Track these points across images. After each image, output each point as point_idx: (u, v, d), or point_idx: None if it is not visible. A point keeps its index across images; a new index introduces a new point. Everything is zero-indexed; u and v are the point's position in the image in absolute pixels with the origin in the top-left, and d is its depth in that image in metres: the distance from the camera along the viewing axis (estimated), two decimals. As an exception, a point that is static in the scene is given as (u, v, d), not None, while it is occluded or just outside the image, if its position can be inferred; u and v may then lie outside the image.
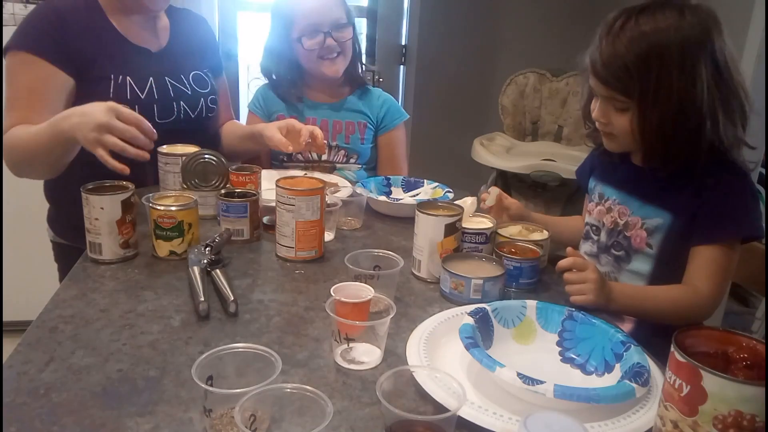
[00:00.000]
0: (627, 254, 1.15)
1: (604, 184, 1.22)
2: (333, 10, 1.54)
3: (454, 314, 0.88)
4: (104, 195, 1.00)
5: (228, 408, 0.62)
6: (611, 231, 1.18)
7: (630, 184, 1.16)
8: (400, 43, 3.10)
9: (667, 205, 1.10)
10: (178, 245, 1.05)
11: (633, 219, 1.14)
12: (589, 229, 1.24)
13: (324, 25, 1.53)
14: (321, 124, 1.60)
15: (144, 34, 1.40)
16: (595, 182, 1.26)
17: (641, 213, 1.13)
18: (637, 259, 1.14)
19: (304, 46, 1.54)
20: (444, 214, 1.02)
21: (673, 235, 1.09)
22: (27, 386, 0.69)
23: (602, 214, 1.20)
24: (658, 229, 1.10)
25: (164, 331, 0.83)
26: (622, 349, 0.78)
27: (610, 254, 1.18)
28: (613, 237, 1.17)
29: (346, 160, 1.64)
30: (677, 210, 1.08)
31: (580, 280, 0.96)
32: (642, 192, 1.14)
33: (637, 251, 1.13)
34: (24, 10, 2.13)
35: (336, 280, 0.98)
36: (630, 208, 1.15)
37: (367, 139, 1.64)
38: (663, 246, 1.10)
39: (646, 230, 1.12)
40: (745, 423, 0.53)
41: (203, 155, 1.23)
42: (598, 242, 1.21)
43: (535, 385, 0.66)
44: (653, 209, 1.11)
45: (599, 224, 1.21)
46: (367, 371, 0.76)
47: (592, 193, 1.26)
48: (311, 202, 1.05)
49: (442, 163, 2.81)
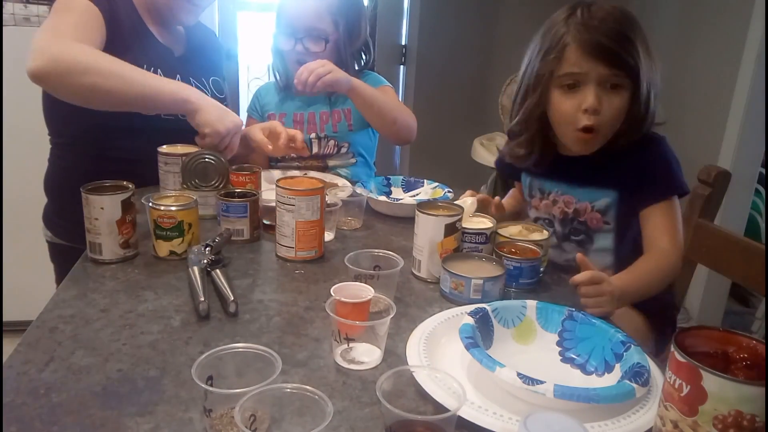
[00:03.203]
0: (588, 236, 1.20)
1: (540, 178, 1.26)
2: (309, 19, 1.53)
3: (454, 314, 0.88)
4: (104, 195, 1.00)
5: (228, 408, 0.62)
6: (563, 221, 1.22)
7: (566, 174, 1.20)
8: (400, 43, 3.10)
9: (609, 184, 1.15)
10: (178, 245, 1.05)
11: (581, 205, 1.19)
12: (542, 224, 1.26)
13: (298, 31, 1.54)
14: (308, 117, 1.62)
15: (169, 38, 1.46)
16: (529, 178, 1.28)
17: (588, 198, 1.17)
18: (599, 237, 1.19)
19: (278, 44, 1.59)
20: (444, 214, 1.02)
21: (624, 207, 1.15)
22: (27, 386, 0.69)
23: (549, 207, 1.24)
24: (609, 207, 1.16)
25: (164, 331, 0.83)
26: (622, 349, 0.78)
27: (572, 241, 1.22)
28: (568, 225, 1.22)
29: (337, 151, 1.63)
30: (620, 185, 1.14)
31: (597, 293, 0.95)
32: (581, 178, 1.18)
33: (597, 231, 1.19)
34: (24, 10, 2.13)
35: (336, 280, 0.98)
36: (574, 196, 1.19)
37: (355, 125, 1.63)
38: (618, 220, 1.17)
39: (598, 211, 1.17)
40: (745, 423, 0.53)
41: (203, 155, 1.23)
42: (554, 233, 1.24)
43: (535, 385, 0.66)
44: (597, 191, 1.17)
45: (550, 217, 1.25)
46: (367, 371, 0.76)
47: (531, 188, 1.29)
48: (311, 202, 1.05)
49: (442, 163, 2.82)
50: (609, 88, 1.07)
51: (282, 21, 1.56)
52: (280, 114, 1.65)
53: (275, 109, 1.67)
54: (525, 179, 1.30)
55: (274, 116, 1.65)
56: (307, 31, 1.53)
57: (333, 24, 1.55)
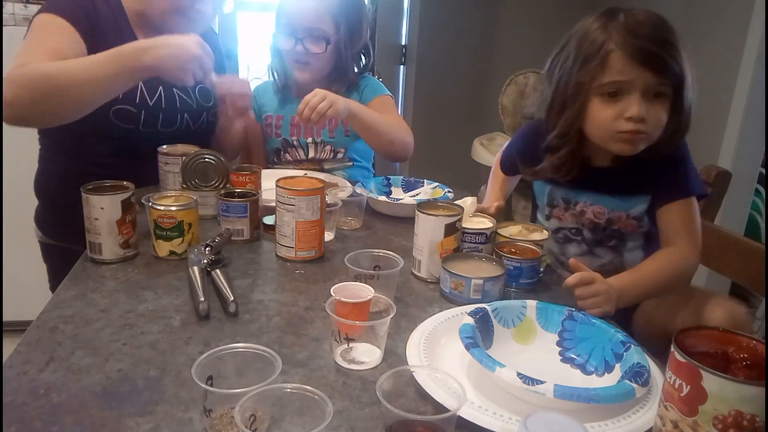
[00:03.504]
0: (622, 241, 1.19)
1: (566, 189, 1.21)
2: (310, 19, 1.51)
3: (454, 314, 0.88)
4: (104, 195, 1.00)
5: (228, 408, 0.62)
6: (594, 229, 1.20)
7: (596, 184, 1.17)
8: (400, 43, 3.10)
9: (644, 190, 1.14)
10: (178, 245, 1.05)
11: (615, 214, 1.17)
12: (567, 233, 1.24)
13: (299, 31, 1.52)
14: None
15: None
16: (549, 187, 1.24)
17: (623, 207, 1.16)
18: (632, 239, 1.19)
19: (278, 44, 1.56)
20: (444, 214, 1.02)
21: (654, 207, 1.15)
22: (27, 386, 0.69)
23: (576, 217, 1.21)
24: (644, 212, 1.16)
25: (164, 331, 0.83)
26: (622, 349, 0.78)
27: (605, 246, 1.21)
28: (600, 233, 1.20)
29: (334, 156, 1.63)
30: (653, 190, 1.13)
31: (591, 293, 0.95)
32: (613, 188, 1.16)
33: (633, 232, 1.19)
34: (24, 10, 2.13)
35: (336, 280, 0.98)
36: (605, 206, 1.17)
37: (352, 131, 1.59)
38: (650, 220, 1.16)
39: (634, 218, 1.16)
40: (745, 423, 0.53)
41: (203, 155, 1.23)
42: (585, 241, 1.22)
43: (535, 385, 0.66)
44: (632, 199, 1.15)
45: (578, 226, 1.22)
46: (367, 371, 0.76)
47: (551, 198, 1.24)
48: (311, 202, 1.05)
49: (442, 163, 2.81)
50: (652, 96, 1.03)
51: (282, 20, 1.55)
52: (277, 116, 1.64)
53: (273, 110, 1.66)
54: (542, 187, 1.25)
55: (272, 118, 1.64)
56: (307, 31, 1.52)
57: (334, 25, 1.53)
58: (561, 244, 1.26)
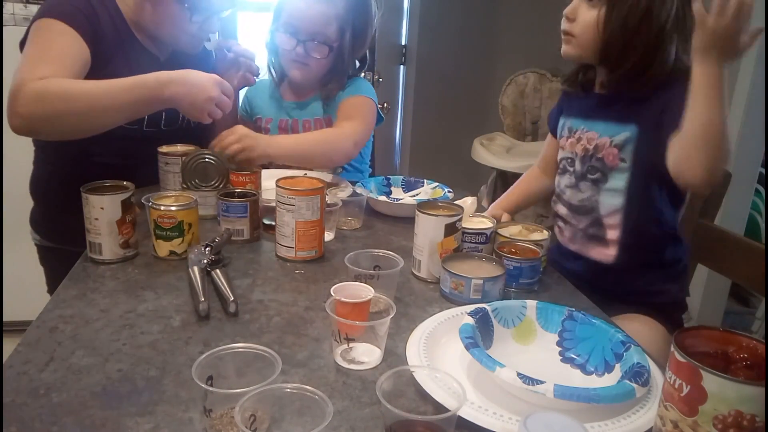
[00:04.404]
0: (603, 175, 1.22)
1: (572, 117, 1.30)
2: (316, 23, 1.47)
3: (454, 314, 0.88)
4: (104, 195, 1.00)
5: (228, 408, 0.62)
6: (584, 158, 1.24)
7: (594, 111, 1.24)
8: (399, 43, 3.11)
9: (631, 119, 1.17)
10: (178, 245, 1.05)
11: (601, 140, 1.21)
12: (565, 163, 1.30)
13: (301, 33, 1.48)
14: (292, 125, 1.59)
15: (157, 42, 1.42)
16: (563, 120, 1.33)
17: (608, 132, 1.20)
18: (613, 176, 1.20)
19: (276, 41, 1.53)
20: (444, 214, 1.02)
21: (642, 145, 1.16)
22: (27, 386, 0.69)
23: (573, 145, 1.27)
24: (628, 142, 1.17)
25: (164, 331, 0.83)
26: (622, 349, 0.78)
27: (587, 179, 1.24)
28: (587, 162, 1.24)
29: None
30: (641, 121, 1.15)
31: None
32: (607, 115, 1.21)
33: (612, 168, 1.20)
34: (24, 10, 2.13)
35: (336, 280, 0.98)
36: (597, 131, 1.22)
37: None
38: (635, 157, 1.17)
39: (616, 146, 1.18)
40: (745, 423, 0.53)
41: (203, 155, 1.23)
42: (574, 173, 1.26)
43: (535, 385, 0.66)
44: (619, 126, 1.18)
45: (573, 155, 1.27)
46: (367, 371, 0.76)
47: (562, 129, 1.32)
48: (311, 202, 1.05)
49: (442, 163, 2.82)
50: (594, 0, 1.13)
51: (284, 18, 1.50)
52: (266, 119, 1.61)
53: (264, 113, 1.63)
54: (561, 122, 1.34)
55: (262, 121, 1.62)
56: (311, 35, 1.47)
57: (339, 31, 1.49)
58: (560, 175, 1.32)
